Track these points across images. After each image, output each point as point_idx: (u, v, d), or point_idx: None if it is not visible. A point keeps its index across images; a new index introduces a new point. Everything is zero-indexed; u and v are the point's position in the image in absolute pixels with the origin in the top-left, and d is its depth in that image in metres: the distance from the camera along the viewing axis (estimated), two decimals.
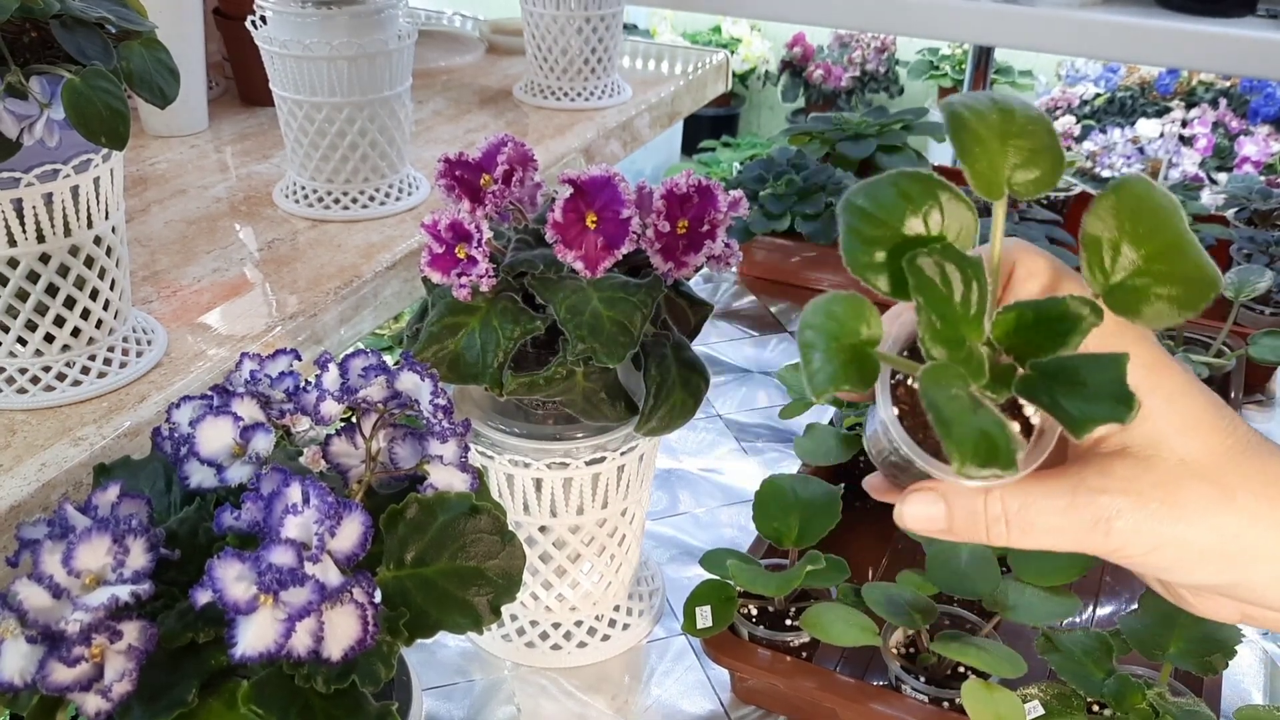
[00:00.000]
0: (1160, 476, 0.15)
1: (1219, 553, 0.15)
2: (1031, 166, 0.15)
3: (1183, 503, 0.15)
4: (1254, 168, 1.06)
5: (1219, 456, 0.15)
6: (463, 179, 0.31)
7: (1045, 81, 1.47)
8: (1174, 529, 0.15)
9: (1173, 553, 0.15)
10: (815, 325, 0.14)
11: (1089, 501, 0.15)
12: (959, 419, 0.13)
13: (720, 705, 0.35)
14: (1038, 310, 0.15)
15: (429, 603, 0.22)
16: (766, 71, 1.66)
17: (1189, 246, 0.15)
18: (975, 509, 0.16)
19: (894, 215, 0.15)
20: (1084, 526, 0.15)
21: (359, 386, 0.24)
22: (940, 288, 0.14)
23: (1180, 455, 0.15)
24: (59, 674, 0.19)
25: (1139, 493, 0.15)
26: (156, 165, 0.48)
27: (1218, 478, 0.15)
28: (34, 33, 0.27)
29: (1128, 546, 0.15)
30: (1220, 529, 0.15)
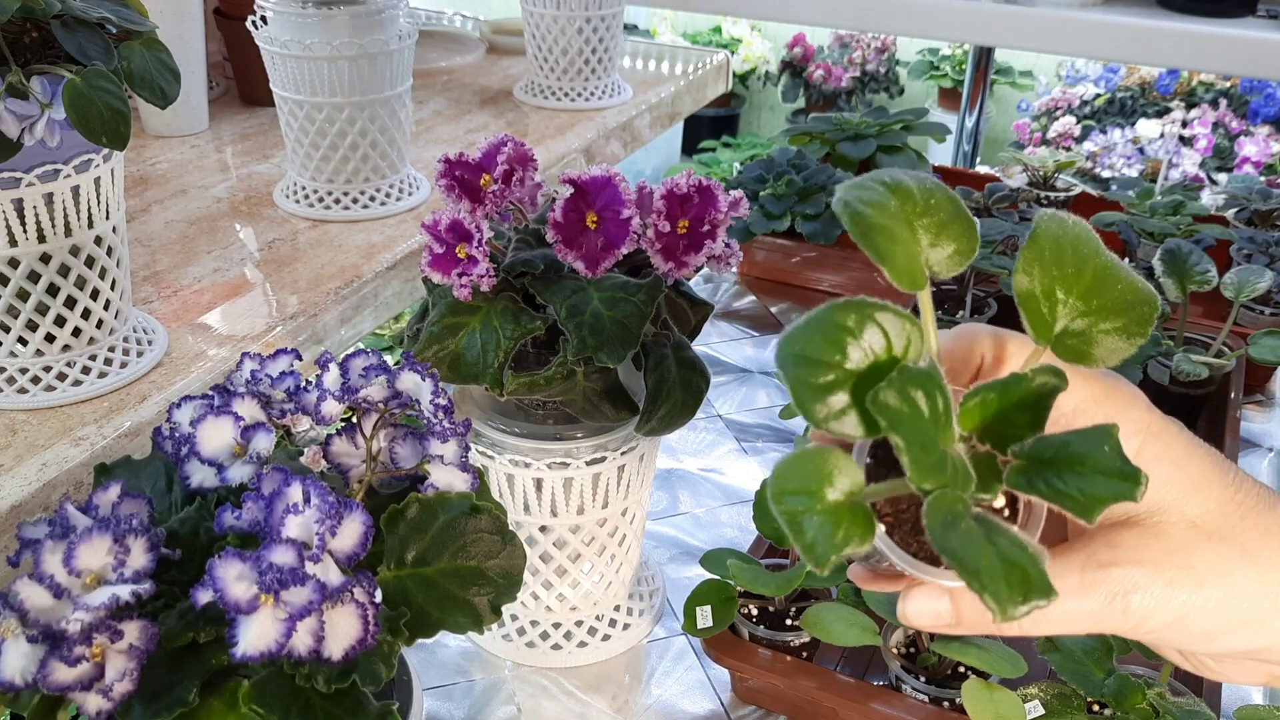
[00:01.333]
0: (1172, 543, 0.14)
1: (1247, 616, 0.14)
2: (945, 241, 0.15)
3: (1201, 567, 0.14)
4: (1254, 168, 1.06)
5: (1230, 515, 0.15)
6: (463, 179, 0.31)
7: (1045, 82, 1.47)
8: (1196, 596, 0.14)
9: (1198, 622, 0.14)
10: (794, 490, 0.13)
11: (1101, 578, 0.14)
12: (983, 561, 0.12)
13: (720, 705, 0.35)
14: (1002, 391, 0.14)
15: (430, 602, 0.22)
16: (767, 72, 1.66)
17: (1116, 271, 0.15)
18: (981, 604, 0.14)
19: (837, 353, 0.14)
20: (1099, 606, 0.14)
21: (360, 386, 0.24)
22: (910, 415, 0.13)
23: (1190, 518, 0.15)
24: (60, 673, 0.19)
25: (1153, 561, 0.14)
26: (157, 165, 0.48)
27: (1233, 537, 0.15)
28: (35, 33, 0.27)
29: (1149, 620, 0.14)
30: (1245, 591, 0.14)
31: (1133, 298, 0.15)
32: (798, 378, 0.14)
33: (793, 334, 0.14)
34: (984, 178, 0.68)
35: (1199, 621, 0.15)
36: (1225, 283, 0.49)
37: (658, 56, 0.66)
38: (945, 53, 1.55)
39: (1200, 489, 0.15)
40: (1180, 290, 0.49)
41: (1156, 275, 0.50)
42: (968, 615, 0.15)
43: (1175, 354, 0.48)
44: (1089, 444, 0.13)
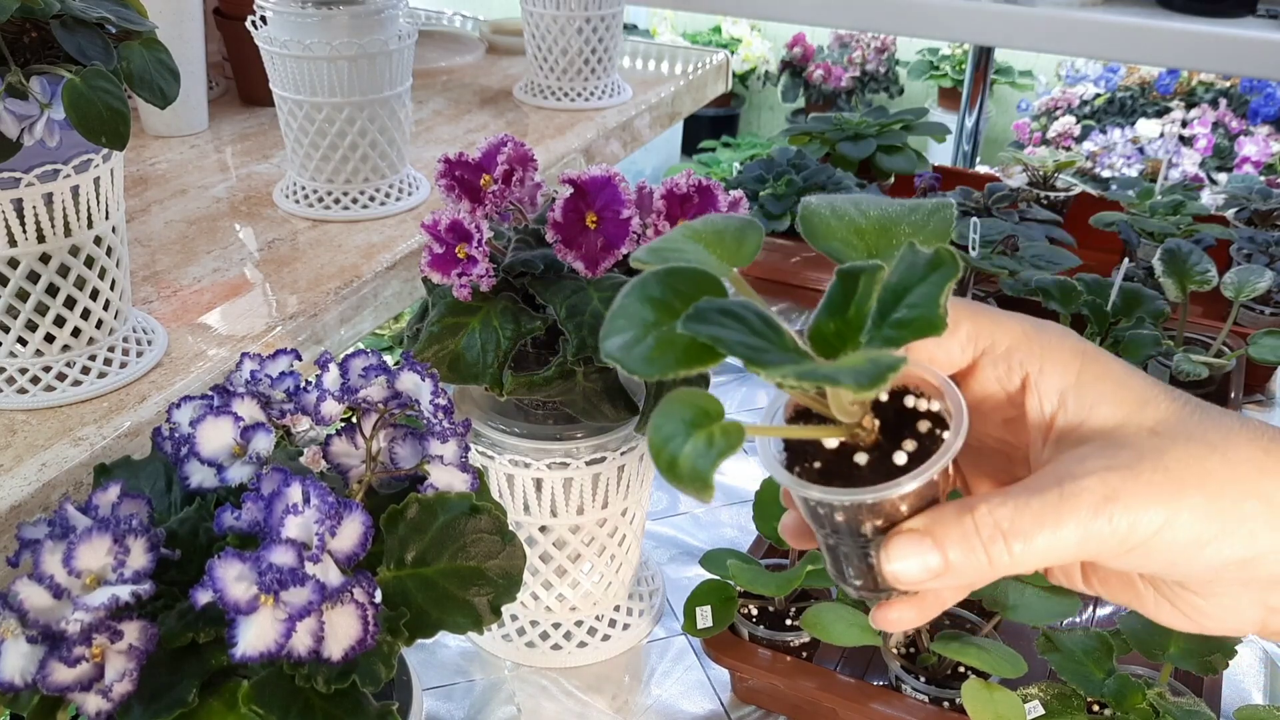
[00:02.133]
0: (1140, 449, 0.14)
1: (1230, 518, 0.14)
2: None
3: (1175, 468, 0.14)
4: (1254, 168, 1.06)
5: (1187, 420, 0.14)
6: (463, 179, 0.31)
7: (1045, 81, 1.47)
8: (1177, 497, 0.14)
9: (1185, 526, 0.14)
10: (667, 435, 0.13)
11: (1079, 489, 0.14)
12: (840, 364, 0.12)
13: (720, 705, 0.35)
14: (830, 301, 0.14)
15: (429, 603, 0.22)
16: (766, 72, 1.66)
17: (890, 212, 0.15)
18: (967, 532, 0.14)
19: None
20: (1084, 519, 0.14)
21: (359, 386, 0.24)
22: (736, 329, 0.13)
23: (1148, 426, 0.14)
24: (59, 674, 0.19)
25: (1126, 466, 0.14)
26: (156, 165, 0.48)
27: (1198, 436, 0.14)
28: (34, 33, 0.27)
29: (1136, 528, 0.14)
30: (1224, 488, 0.14)
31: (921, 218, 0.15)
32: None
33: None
34: (984, 177, 0.68)
35: (1186, 526, 0.14)
36: (1225, 282, 0.49)
37: (657, 56, 0.66)
38: (945, 52, 1.55)
39: (1148, 401, 0.15)
40: (1180, 290, 0.49)
41: (1157, 275, 0.50)
42: (955, 551, 0.14)
43: (1175, 354, 0.48)
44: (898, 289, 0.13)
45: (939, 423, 0.15)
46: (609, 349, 0.14)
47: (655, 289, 0.14)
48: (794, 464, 0.15)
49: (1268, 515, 0.14)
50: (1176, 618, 0.16)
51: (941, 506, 0.15)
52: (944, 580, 0.14)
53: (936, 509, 0.15)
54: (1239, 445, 0.14)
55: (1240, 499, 0.14)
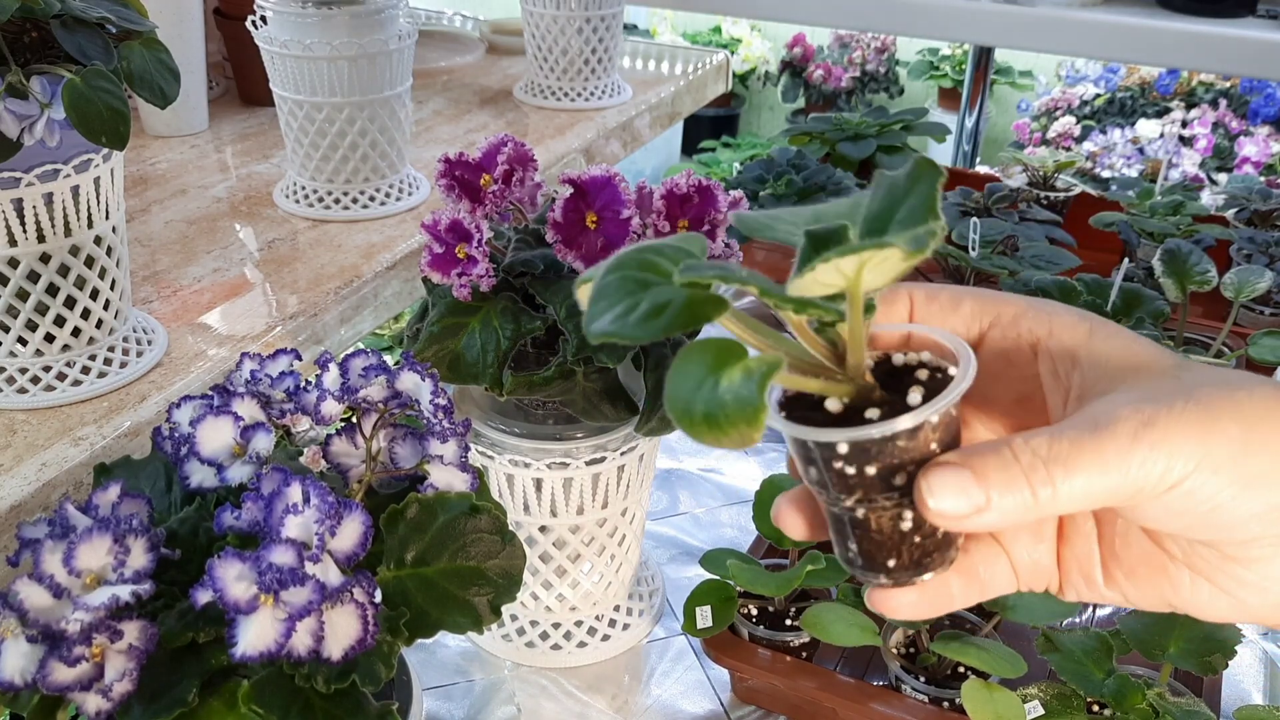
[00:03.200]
0: (1161, 388, 0.14)
1: (1268, 449, 0.13)
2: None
3: (1205, 399, 0.13)
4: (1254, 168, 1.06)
5: (1201, 369, 0.14)
6: (463, 179, 0.31)
7: (1045, 82, 1.47)
8: (1213, 428, 0.13)
9: (1223, 461, 0.13)
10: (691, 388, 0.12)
11: (1116, 418, 0.13)
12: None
13: (720, 705, 0.35)
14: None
15: (429, 602, 0.22)
16: (767, 72, 1.66)
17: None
18: (1006, 460, 0.13)
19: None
20: (1125, 444, 0.13)
21: (359, 386, 0.24)
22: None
23: (1168, 369, 0.14)
24: (59, 673, 0.19)
25: (1156, 400, 0.13)
26: (157, 165, 0.48)
27: (1222, 379, 0.14)
28: (34, 33, 0.27)
29: (1176, 459, 0.13)
30: (1257, 419, 0.13)
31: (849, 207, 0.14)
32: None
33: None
34: (984, 178, 0.68)
35: (1224, 460, 0.13)
36: (1225, 283, 0.49)
37: (657, 56, 0.66)
38: (945, 53, 1.55)
39: (1164, 354, 0.14)
40: (1180, 290, 0.49)
41: (1156, 275, 0.50)
42: (995, 480, 0.13)
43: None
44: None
45: (936, 370, 0.15)
46: (599, 328, 0.12)
47: (632, 268, 0.13)
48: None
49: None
50: (1217, 599, 0.15)
51: (975, 445, 0.14)
52: (986, 519, 0.14)
53: (970, 446, 0.14)
54: (1261, 385, 0.14)
55: (1274, 435, 0.13)
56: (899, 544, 0.15)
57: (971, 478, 0.14)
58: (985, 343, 0.16)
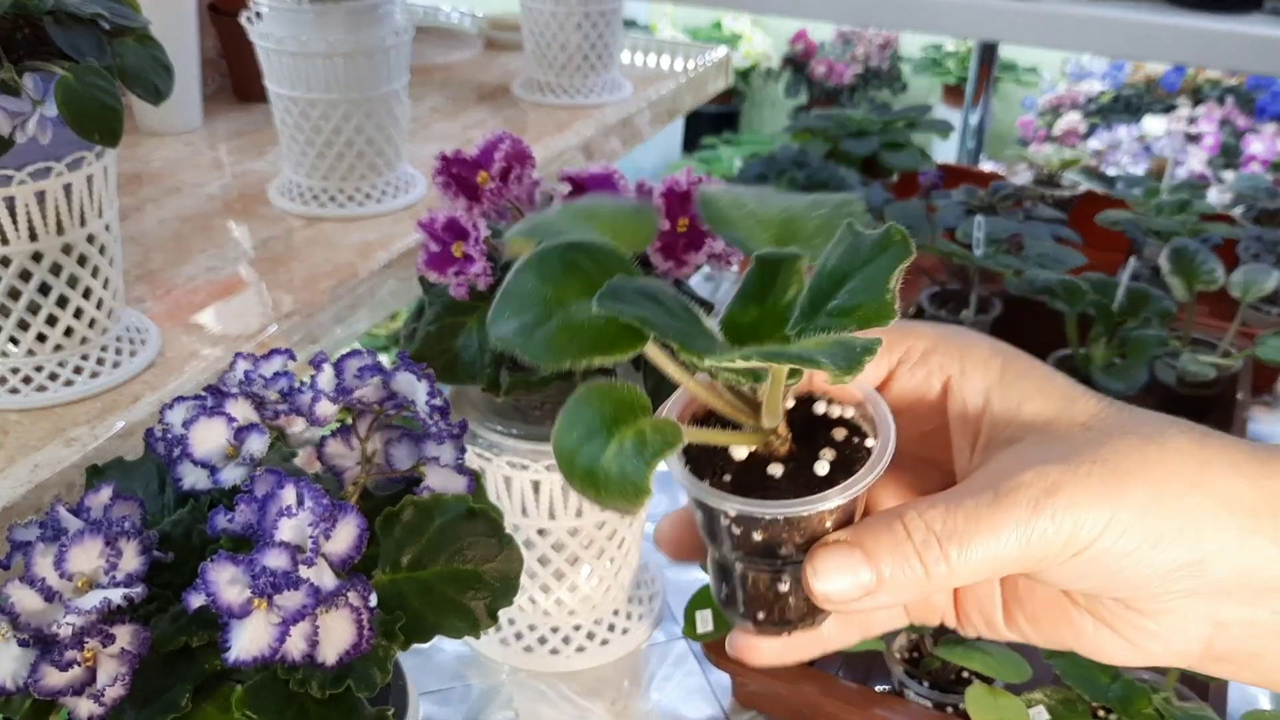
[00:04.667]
0: (1074, 443, 0.13)
1: (1175, 508, 0.13)
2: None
3: (1113, 460, 0.13)
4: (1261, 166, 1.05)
5: (1118, 415, 0.13)
6: (460, 176, 0.30)
7: (1050, 78, 1.46)
8: (1120, 491, 0.13)
9: (1130, 523, 0.12)
10: (579, 440, 0.11)
11: (1018, 485, 0.13)
12: (814, 344, 0.11)
13: (721, 710, 0.35)
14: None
15: (425, 606, 0.22)
16: (768, 68, 1.65)
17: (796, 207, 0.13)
18: (899, 539, 0.13)
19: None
20: (1025, 515, 0.12)
21: (354, 387, 0.23)
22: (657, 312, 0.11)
23: (1080, 421, 0.13)
24: (51, 678, 0.19)
25: (1063, 458, 0.13)
26: (150, 163, 0.47)
27: (1132, 429, 0.13)
28: (27, 29, 0.26)
29: (1081, 526, 0.12)
30: (1170, 484, 0.13)
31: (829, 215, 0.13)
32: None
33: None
34: (988, 175, 0.67)
35: (1131, 522, 0.13)
36: (1232, 282, 0.49)
37: (658, 52, 0.65)
38: (949, 49, 1.54)
39: (1075, 399, 0.14)
40: (1187, 290, 0.48)
41: (1163, 274, 0.49)
42: (886, 562, 0.13)
43: (1182, 354, 0.48)
44: (825, 287, 0.11)
45: (854, 431, 0.14)
46: (501, 333, 0.11)
47: (555, 266, 0.11)
48: (701, 475, 0.14)
49: (1213, 508, 0.13)
50: (1119, 647, 0.14)
51: (866, 519, 0.13)
52: (877, 598, 0.13)
53: (861, 522, 0.14)
54: (1174, 436, 0.13)
55: (1183, 491, 0.13)
56: (773, 601, 0.14)
57: (862, 558, 0.13)
58: (894, 379, 0.15)
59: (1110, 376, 0.45)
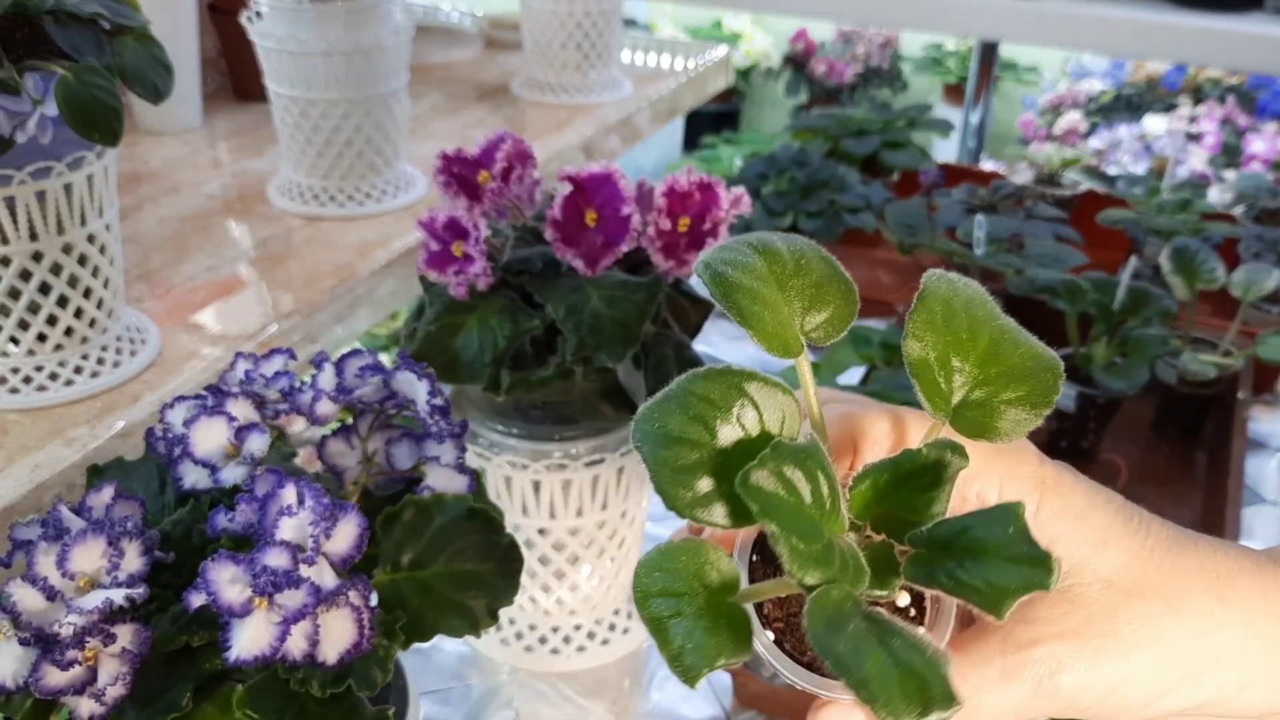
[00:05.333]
0: (1092, 609, 0.13)
1: (1182, 675, 0.13)
2: (820, 306, 0.14)
3: (1126, 632, 0.13)
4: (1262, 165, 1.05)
5: (1146, 565, 0.14)
6: (460, 176, 0.30)
7: (1051, 78, 1.46)
8: (1126, 665, 0.13)
9: (1133, 690, 0.13)
10: (660, 590, 0.12)
11: (1024, 661, 0.13)
12: (871, 668, 0.11)
13: (722, 710, 0.35)
14: (895, 470, 0.12)
15: (426, 606, 0.22)
16: (769, 67, 1.65)
17: (1014, 335, 0.14)
18: None
19: (702, 430, 0.12)
20: (1028, 692, 0.13)
21: (355, 387, 0.23)
22: (788, 500, 0.11)
23: (1104, 576, 0.14)
24: (52, 677, 0.19)
25: (1075, 634, 0.13)
26: (150, 162, 0.47)
27: (1153, 590, 0.13)
28: (26, 28, 0.26)
29: (1083, 698, 0.13)
30: (1174, 650, 0.13)
31: (1034, 364, 0.14)
32: (657, 460, 0.12)
33: (650, 410, 0.12)
34: (989, 174, 0.67)
35: (1134, 690, 0.13)
36: (1233, 281, 0.49)
37: (658, 51, 0.65)
38: (950, 48, 1.53)
39: (1109, 541, 0.14)
40: (1188, 289, 0.48)
41: (1164, 273, 0.49)
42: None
43: (1183, 353, 0.48)
44: (991, 526, 0.12)
45: (918, 602, 0.14)
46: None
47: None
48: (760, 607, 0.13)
49: (1216, 669, 0.13)
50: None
51: None
52: None
53: None
54: (1195, 595, 0.14)
55: (1189, 657, 0.13)
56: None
57: (862, 716, 0.14)
58: None
59: (1111, 376, 0.45)
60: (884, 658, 0.11)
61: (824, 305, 0.14)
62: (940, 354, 0.14)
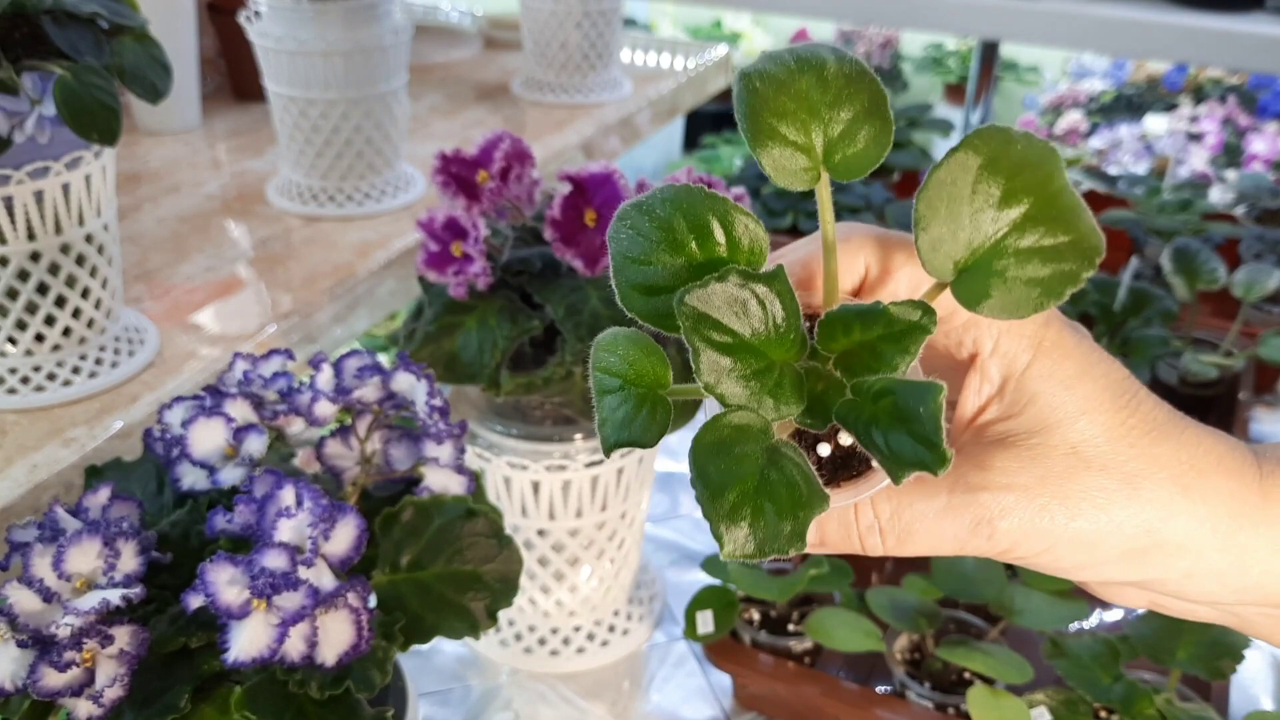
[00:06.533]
0: (1049, 469, 0.13)
1: (1125, 549, 0.13)
2: (849, 140, 0.13)
3: (1077, 496, 0.13)
4: (1263, 165, 1.04)
5: (1117, 443, 0.13)
6: (459, 176, 0.30)
7: (1051, 77, 1.46)
8: (1067, 527, 0.13)
9: (1071, 552, 0.13)
10: (606, 367, 0.12)
11: (968, 501, 0.13)
12: (732, 498, 0.11)
13: (722, 711, 0.35)
14: (862, 322, 0.12)
15: (425, 607, 0.22)
16: None
17: (1064, 205, 0.12)
18: (846, 520, 0.14)
19: (668, 251, 0.12)
20: (964, 529, 0.13)
21: (353, 387, 0.23)
22: (721, 323, 0.11)
23: (1071, 443, 0.13)
24: (50, 679, 0.19)
25: (1025, 488, 0.13)
26: (149, 162, 0.47)
27: (1116, 466, 0.13)
28: (25, 28, 0.26)
29: (1017, 547, 0.13)
30: (1121, 524, 0.13)
31: (1069, 244, 0.12)
32: (624, 278, 0.12)
33: (625, 210, 0.12)
34: None
35: (1069, 552, 0.13)
36: (1234, 281, 0.49)
37: (658, 51, 0.65)
38: (950, 48, 1.53)
39: (1087, 411, 0.13)
40: (1189, 289, 0.48)
41: (1165, 273, 0.49)
42: (830, 533, 0.14)
43: (1184, 354, 0.47)
44: (911, 399, 0.11)
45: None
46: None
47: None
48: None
49: (1161, 554, 0.13)
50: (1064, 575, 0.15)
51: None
52: (818, 551, 0.14)
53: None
54: (1158, 481, 0.13)
55: (1135, 535, 0.13)
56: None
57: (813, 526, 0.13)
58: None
59: None
60: (748, 489, 0.11)
61: (853, 139, 0.13)
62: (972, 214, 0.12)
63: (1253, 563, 0.13)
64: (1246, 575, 0.13)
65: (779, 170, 0.13)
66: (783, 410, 0.12)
